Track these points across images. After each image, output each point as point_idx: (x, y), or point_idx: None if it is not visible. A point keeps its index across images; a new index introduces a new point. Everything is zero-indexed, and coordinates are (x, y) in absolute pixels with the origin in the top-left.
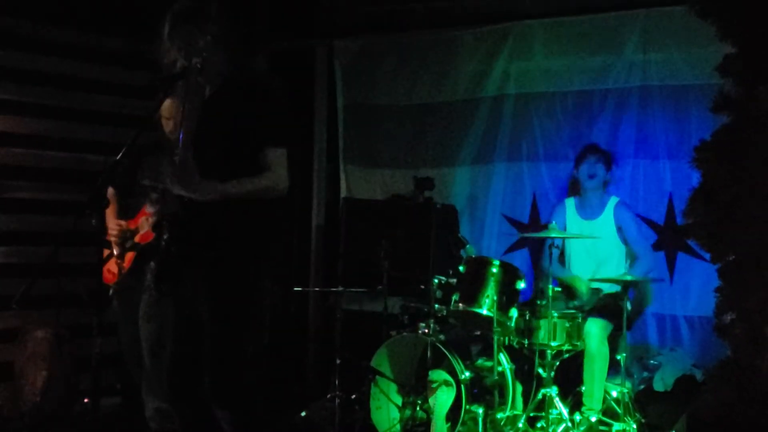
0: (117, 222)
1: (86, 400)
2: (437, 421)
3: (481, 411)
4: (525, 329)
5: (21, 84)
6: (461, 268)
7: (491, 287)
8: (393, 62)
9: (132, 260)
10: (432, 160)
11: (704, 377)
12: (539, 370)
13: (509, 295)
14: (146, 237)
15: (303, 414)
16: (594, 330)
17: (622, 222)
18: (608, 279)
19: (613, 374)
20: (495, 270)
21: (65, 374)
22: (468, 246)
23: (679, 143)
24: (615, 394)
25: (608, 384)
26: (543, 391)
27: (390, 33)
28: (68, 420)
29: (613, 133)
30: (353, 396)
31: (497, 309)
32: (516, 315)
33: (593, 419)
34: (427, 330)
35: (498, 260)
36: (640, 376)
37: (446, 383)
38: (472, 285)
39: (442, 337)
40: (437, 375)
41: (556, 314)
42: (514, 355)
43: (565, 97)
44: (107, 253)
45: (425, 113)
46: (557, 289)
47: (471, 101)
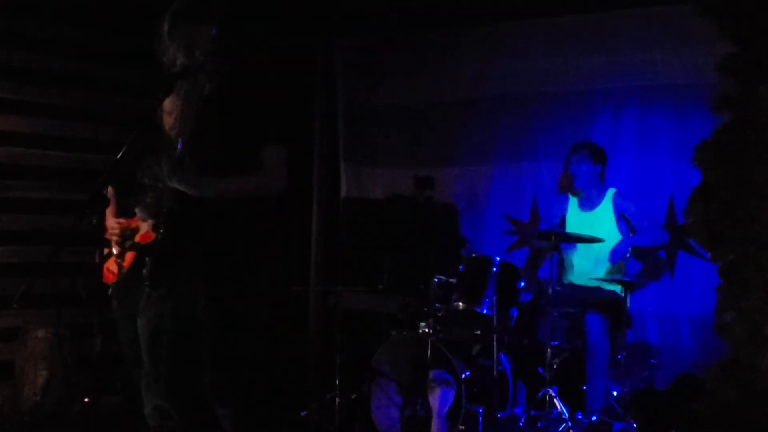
0: (117, 221)
1: (86, 399)
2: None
3: (481, 411)
4: (525, 329)
5: (21, 83)
6: (461, 268)
7: (491, 286)
8: (393, 61)
9: (132, 260)
10: (432, 160)
11: (704, 377)
12: (539, 370)
13: (509, 295)
14: (146, 237)
15: (303, 414)
16: (594, 324)
17: (623, 209)
18: (608, 279)
19: (614, 374)
20: (495, 269)
21: (65, 373)
22: (468, 245)
23: (680, 142)
24: (615, 394)
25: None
26: (543, 391)
27: (390, 32)
28: (68, 419)
29: (613, 133)
30: (353, 396)
31: (497, 308)
32: (516, 314)
33: (593, 419)
34: (427, 330)
35: (498, 259)
36: (640, 376)
37: (446, 383)
38: (472, 284)
39: (442, 337)
40: (437, 375)
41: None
42: (514, 355)
43: (565, 97)
44: (107, 252)
45: (426, 112)
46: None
47: (471, 101)
